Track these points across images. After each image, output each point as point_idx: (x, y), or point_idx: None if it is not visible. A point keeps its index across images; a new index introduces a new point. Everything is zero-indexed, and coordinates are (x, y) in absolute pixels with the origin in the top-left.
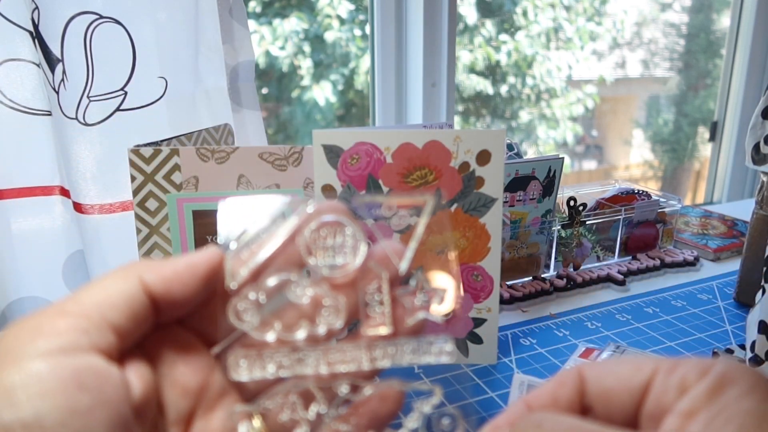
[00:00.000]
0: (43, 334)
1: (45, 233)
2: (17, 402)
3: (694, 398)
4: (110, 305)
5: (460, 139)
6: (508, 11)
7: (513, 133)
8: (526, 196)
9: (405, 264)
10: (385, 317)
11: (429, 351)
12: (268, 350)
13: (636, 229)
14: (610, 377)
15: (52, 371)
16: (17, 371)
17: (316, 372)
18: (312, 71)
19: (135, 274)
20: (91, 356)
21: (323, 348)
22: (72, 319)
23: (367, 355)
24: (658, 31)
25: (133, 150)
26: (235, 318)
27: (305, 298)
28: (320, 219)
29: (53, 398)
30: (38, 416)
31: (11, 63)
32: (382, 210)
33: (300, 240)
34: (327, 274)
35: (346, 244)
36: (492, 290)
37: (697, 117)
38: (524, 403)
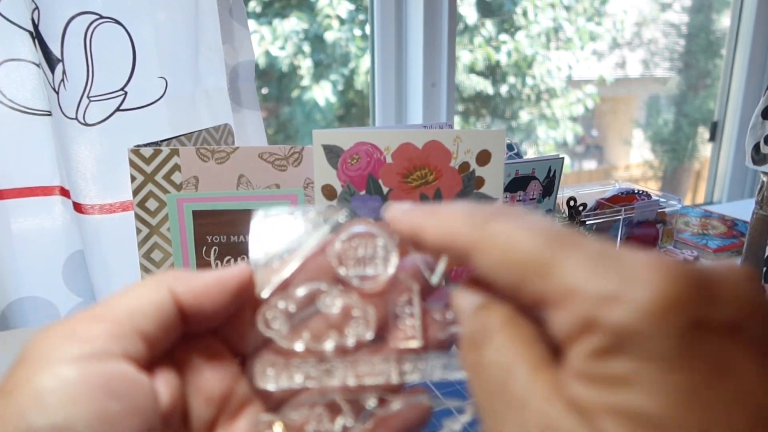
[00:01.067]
0: (75, 338)
1: (45, 233)
2: (48, 407)
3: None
4: (141, 313)
5: (460, 139)
6: (508, 11)
7: (513, 133)
8: (526, 196)
9: (436, 277)
10: (415, 330)
11: (460, 367)
12: (296, 360)
13: (636, 229)
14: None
15: (83, 377)
16: (48, 375)
17: (344, 384)
18: (312, 71)
19: (166, 285)
20: (122, 363)
21: (351, 359)
22: (104, 325)
23: (396, 368)
24: (658, 31)
25: (133, 150)
26: (264, 326)
27: (335, 308)
28: (352, 229)
29: (83, 405)
30: (69, 422)
31: (11, 63)
32: (382, 210)
33: (331, 250)
34: (357, 285)
35: (377, 255)
36: None
37: (697, 117)
38: None
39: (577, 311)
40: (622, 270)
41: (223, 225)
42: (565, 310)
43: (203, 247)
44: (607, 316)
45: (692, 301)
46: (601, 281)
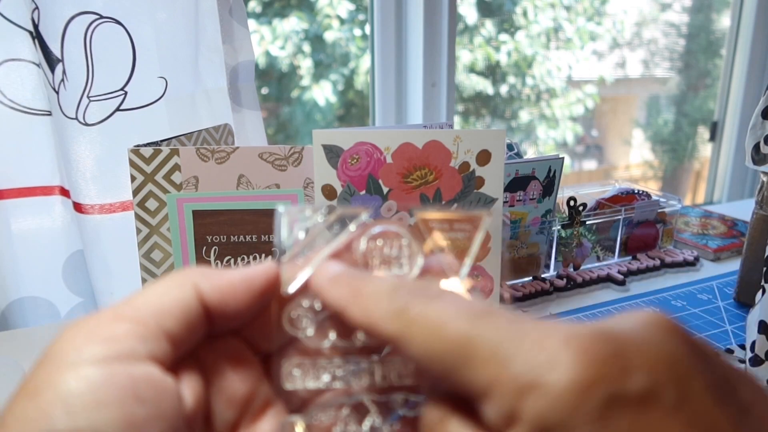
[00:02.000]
0: (100, 338)
1: (45, 233)
2: (73, 410)
3: None
4: (166, 312)
5: (460, 139)
6: (508, 11)
7: (513, 133)
8: (526, 196)
9: (463, 274)
10: None
11: None
12: (323, 360)
13: (636, 229)
14: None
15: (109, 379)
16: (73, 377)
17: (371, 384)
18: (312, 71)
19: (191, 283)
20: (148, 365)
21: (379, 359)
22: (129, 325)
23: None
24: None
25: (133, 150)
26: (290, 325)
27: None
28: (377, 228)
29: (110, 409)
30: (94, 426)
31: (11, 63)
32: (382, 210)
33: (357, 249)
34: None
35: (403, 255)
36: (492, 290)
37: (697, 117)
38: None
39: (501, 402)
40: (537, 352)
41: (223, 225)
42: (490, 401)
43: (203, 247)
44: (528, 407)
45: (605, 377)
46: (519, 368)
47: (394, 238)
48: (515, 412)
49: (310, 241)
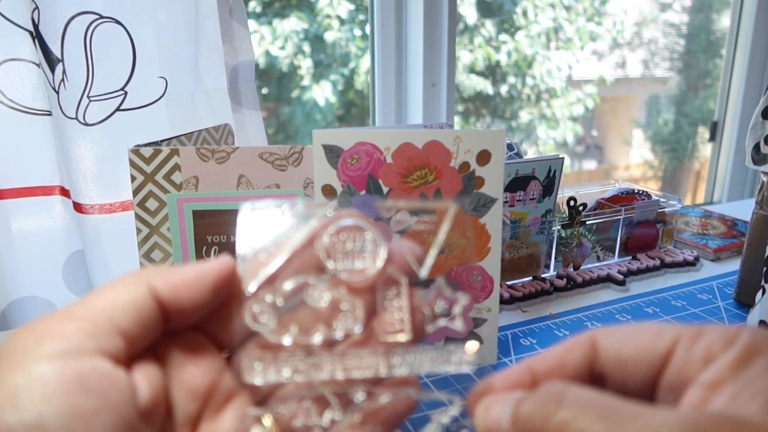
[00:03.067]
0: (50, 337)
1: (45, 233)
2: (20, 405)
3: (719, 370)
4: (119, 310)
5: (460, 139)
6: (508, 11)
7: (513, 133)
8: (526, 196)
9: (425, 270)
10: (404, 324)
11: (449, 360)
12: (284, 353)
13: (636, 229)
14: (627, 345)
15: (57, 374)
16: (22, 374)
17: (332, 377)
18: (312, 71)
19: (144, 281)
20: (97, 359)
21: (340, 353)
22: (79, 323)
23: (384, 362)
24: (658, 31)
25: (133, 150)
26: (252, 320)
27: (323, 301)
28: (340, 223)
29: (57, 402)
30: (41, 420)
31: (11, 63)
32: (381, 210)
33: (319, 243)
34: (346, 278)
35: (366, 248)
36: (492, 290)
37: (697, 117)
38: (528, 366)
39: None
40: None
41: (223, 225)
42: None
43: (203, 247)
44: None
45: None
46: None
47: (357, 232)
48: None
49: (272, 237)
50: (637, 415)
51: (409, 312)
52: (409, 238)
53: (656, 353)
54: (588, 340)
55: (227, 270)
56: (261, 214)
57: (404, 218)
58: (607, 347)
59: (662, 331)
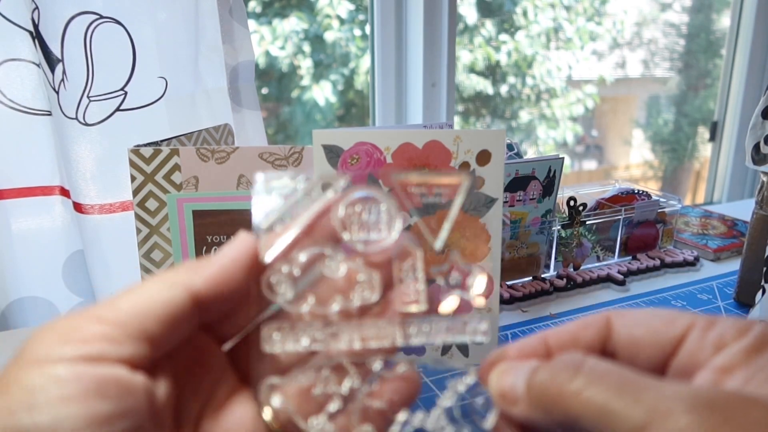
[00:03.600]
0: (71, 339)
1: (45, 233)
2: (36, 406)
3: (731, 355)
4: (149, 315)
5: (460, 139)
6: (508, 11)
7: (513, 133)
8: (526, 196)
9: (440, 242)
10: (419, 295)
11: (464, 330)
12: (302, 324)
13: (636, 229)
14: (640, 327)
15: (74, 377)
16: (39, 374)
17: (350, 347)
18: (312, 71)
19: (180, 283)
20: (116, 367)
21: (357, 323)
22: (105, 327)
23: (401, 331)
24: (658, 31)
25: (133, 150)
26: (269, 290)
27: (339, 272)
28: (355, 194)
29: (72, 405)
30: (55, 422)
31: (11, 63)
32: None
33: (334, 215)
34: (362, 250)
35: (381, 219)
36: (492, 290)
37: (697, 117)
38: (542, 338)
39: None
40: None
41: (223, 225)
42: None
43: (203, 247)
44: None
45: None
46: None
47: (373, 204)
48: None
49: (288, 209)
50: (653, 385)
51: (425, 283)
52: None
53: (669, 337)
54: (603, 318)
55: (254, 247)
56: (276, 185)
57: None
58: (620, 327)
59: (676, 317)
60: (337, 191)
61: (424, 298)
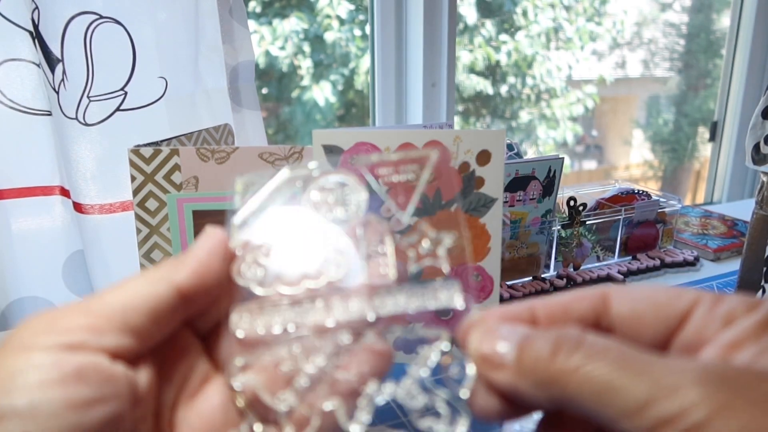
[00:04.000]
0: (55, 329)
1: (45, 233)
2: (14, 389)
3: (740, 331)
4: (134, 308)
5: (460, 139)
6: (508, 11)
7: (513, 133)
8: (526, 196)
9: (407, 216)
10: (388, 267)
11: (436, 297)
12: (271, 305)
13: (636, 229)
14: (643, 302)
15: (54, 364)
16: (20, 359)
17: (319, 323)
18: (312, 71)
19: (164, 278)
20: (97, 356)
21: (325, 299)
22: (90, 319)
23: (369, 304)
24: (658, 31)
25: (133, 150)
26: (238, 275)
27: (308, 254)
28: (325, 180)
29: (50, 389)
30: (32, 405)
31: (11, 63)
32: (382, 211)
33: (305, 200)
34: (331, 229)
35: (349, 199)
36: (492, 290)
37: (697, 117)
38: (529, 306)
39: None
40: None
41: (223, 225)
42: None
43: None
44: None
45: None
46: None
47: (341, 186)
48: None
49: (261, 202)
50: (657, 361)
51: (393, 255)
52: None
53: (674, 312)
54: (599, 293)
55: (224, 239)
56: (251, 182)
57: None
58: (620, 302)
59: (681, 293)
60: (306, 180)
61: (393, 270)
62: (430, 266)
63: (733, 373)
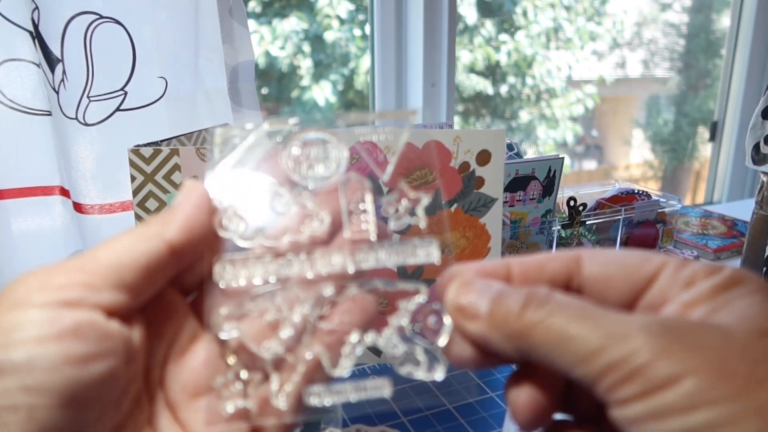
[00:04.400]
0: (51, 286)
1: (45, 233)
2: (12, 343)
3: (699, 291)
4: (128, 265)
5: (460, 139)
6: (508, 11)
7: (513, 133)
8: (526, 196)
9: (387, 175)
10: (369, 224)
11: (415, 253)
12: (254, 257)
13: (636, 229)
14: (613, 265)
15: (51, 320)
16: (18, 315)
17: (301, 275)
18: (312, 71)
19: (155, 234)
20: (93, 312)
21: (308, 253)
22: (84, 276)
23: (351, 258)
24: (658, 31)
25: (133, 150)
26: (221, 228)
27: (290, 210)
28: (304, 136)
29: (48, 344)
30: (30, 360)
31: (11, 63)
32: (383, 209)
33: (285, 156)
34: (312, 187)
35: (330, 156)
36: None
37: (697, 117)
38: (506, 263)
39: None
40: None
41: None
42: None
43: None
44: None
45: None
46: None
47: (321, 143)
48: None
49: (240, 156)
50: (613, 315)
51: (374, 213)
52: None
53: (641, 275)
54: (573, 255)
55: (205, 192)
56: (232, 136)
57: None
58: (591, 264)
59: (650, 257)
60: (286, 135)
61: (373, 228)
62: (410, 225)
63: (680, 324)
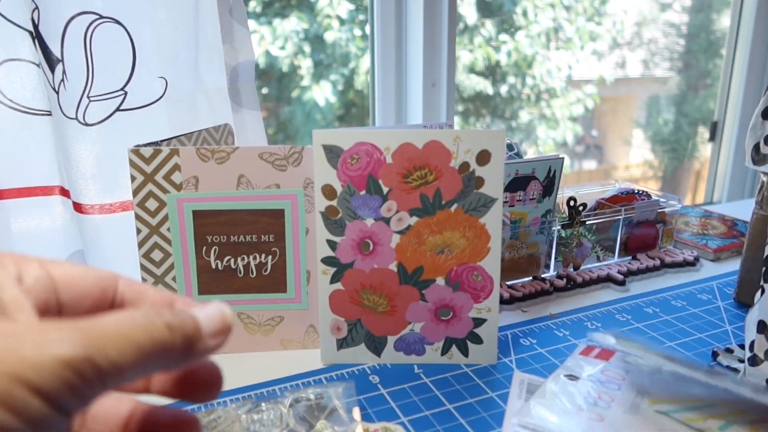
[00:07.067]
0: None
1: (45, 233)
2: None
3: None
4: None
5: (460, 139)
6: (508, 11)
7: (513, 133)
8: (526, 196)
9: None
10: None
11: None
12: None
13: (636, 229)
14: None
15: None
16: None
17: None
18: (312, 71)
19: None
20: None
21: None
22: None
23: None
24: (658, 31)
25: (133, 150)
26: None
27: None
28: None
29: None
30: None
31: (11, 63)
32: (382, 211)
33: None
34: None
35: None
36: (492, 290)
37: (697, 117)
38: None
39: None
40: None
41: (223, 225)
42: None
43: (203, 247)
44: None
45: None
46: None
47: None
48: None
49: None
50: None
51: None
52: (408, 235)
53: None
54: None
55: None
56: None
57: (403, 218)
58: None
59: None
60: None
61: None
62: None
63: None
